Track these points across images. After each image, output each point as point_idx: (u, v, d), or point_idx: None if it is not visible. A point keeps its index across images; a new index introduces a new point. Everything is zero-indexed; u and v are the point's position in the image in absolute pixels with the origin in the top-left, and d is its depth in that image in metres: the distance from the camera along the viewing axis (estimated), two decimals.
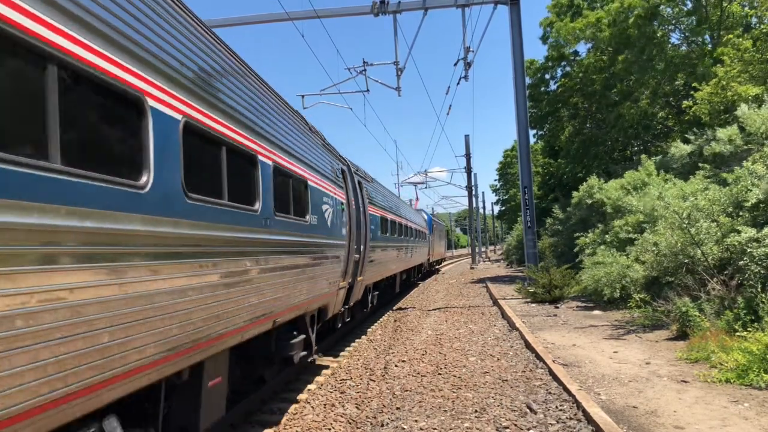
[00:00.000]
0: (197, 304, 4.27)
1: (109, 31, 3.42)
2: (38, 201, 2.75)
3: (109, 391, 3.32)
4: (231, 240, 4.92)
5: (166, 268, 3.84)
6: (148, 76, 3.80)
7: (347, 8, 20.67)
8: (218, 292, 4.63)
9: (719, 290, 9.70)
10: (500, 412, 6.49)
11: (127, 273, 3.41)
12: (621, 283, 13.22)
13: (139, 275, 3.54)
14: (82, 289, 3.03)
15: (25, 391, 2.68)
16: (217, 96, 4.90)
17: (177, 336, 3.98)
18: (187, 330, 4.12)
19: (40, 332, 2.76)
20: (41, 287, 2.76)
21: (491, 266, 47.13)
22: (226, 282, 4.78)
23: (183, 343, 4.08)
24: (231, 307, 4.89)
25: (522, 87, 19.36)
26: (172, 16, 4.33)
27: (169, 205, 3.93)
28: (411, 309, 17.16)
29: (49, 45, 2.91)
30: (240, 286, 5.09)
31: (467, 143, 47.21)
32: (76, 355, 3.00)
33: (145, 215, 3.62)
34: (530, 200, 19.14)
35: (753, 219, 10.21)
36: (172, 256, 3.94)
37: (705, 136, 15.51)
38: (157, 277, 3.74)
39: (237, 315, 5.04)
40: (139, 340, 3.53)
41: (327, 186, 8.92)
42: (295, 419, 6.71)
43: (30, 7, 2.80)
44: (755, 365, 6.95)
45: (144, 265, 3.60)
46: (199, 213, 4.35)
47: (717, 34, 22.42)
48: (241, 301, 5.13)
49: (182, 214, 4.09)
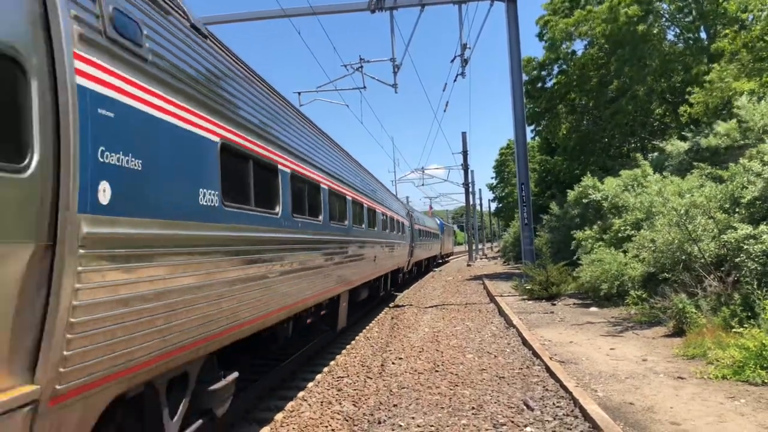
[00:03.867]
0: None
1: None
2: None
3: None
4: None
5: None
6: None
7: (343, 5, 20.61)
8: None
9: (716, 287, 9.71)
10: (497, 409, 6.48)
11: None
12: (618, 280, 13.24)
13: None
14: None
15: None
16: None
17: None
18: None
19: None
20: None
21: (488, 263, 47.18)
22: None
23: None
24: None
25: (519, 84, 19.33)
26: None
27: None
28: (408, 306, 17.16)
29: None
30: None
31: (464, 140, 47.17)
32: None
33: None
34: (527, 197, 19.14)
35: (750, 216, 10.22)
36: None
37: (703, 133, 15.53)
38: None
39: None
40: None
41: (402, 218, 20.08)
42: (292, 416, 6.70)
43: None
44: (751, 361, 6.97)
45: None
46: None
47: (714, 31, 22.43)
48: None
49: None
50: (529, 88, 28.09)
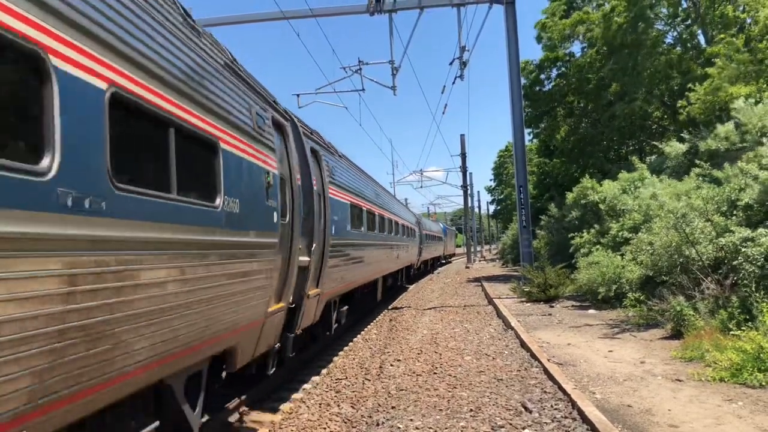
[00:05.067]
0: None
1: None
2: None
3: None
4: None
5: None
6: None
7: (343, 7, 20.66)
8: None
9: (714, 289, 9.73)
10: (495, 411, 6.49)
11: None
12: (616, 283, 13.25)
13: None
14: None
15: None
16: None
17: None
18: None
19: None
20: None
21: (486, 265, 47.19)
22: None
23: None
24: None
25: (518, 86, 19.38)
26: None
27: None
28: (406, 308, 17.16)
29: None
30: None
31: (463, 142, 47.24)
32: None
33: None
34: (526, 200, 19.17)
35: (747, 218, 10.25)
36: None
37: (701, 135, 15.56)
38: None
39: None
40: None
41: (413, 225, 24.62)
42: (291, 418, 6.69)
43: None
44: (749, 364, 6.98)
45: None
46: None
47: (711, 35, 22.48)
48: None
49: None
50: (528, 91, 28.16)
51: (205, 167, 4.85)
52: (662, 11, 24.32)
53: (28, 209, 2.72)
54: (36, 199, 2.78)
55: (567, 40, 26.54)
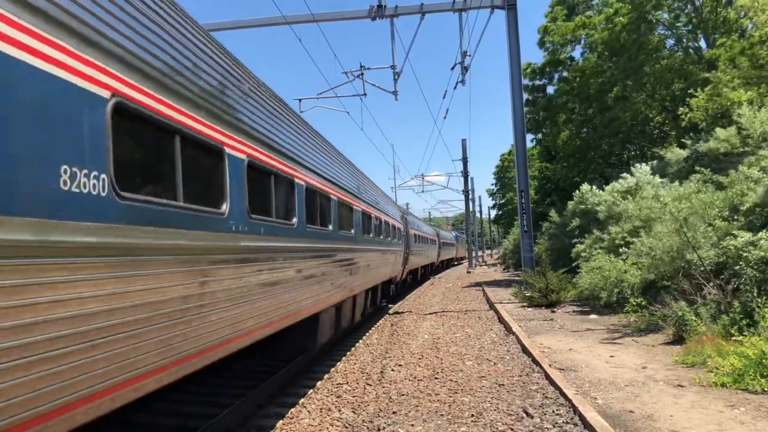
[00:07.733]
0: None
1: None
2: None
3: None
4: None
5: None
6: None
7: (344, 12, 20.72)
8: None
9: (715, 294, 9.71)
10: (497, 417, 6.47)
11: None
12: (618, 287, 13.23)
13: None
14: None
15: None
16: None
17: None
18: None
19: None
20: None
21: (488, 270, 47.14)
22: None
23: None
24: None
25: (519, 92, 19.40)
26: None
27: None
28: (407, 313, 17.14)
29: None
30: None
31: (464, 147, 47.29)
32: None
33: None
34: (527, 204, 19.17)
35: (748, 223, 10.23)
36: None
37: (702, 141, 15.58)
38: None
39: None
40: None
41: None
42: (292, 423, 6.68)
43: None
44: (751, 369, 6.96)
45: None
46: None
47: (713, 39, 22.53)
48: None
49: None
50: (530, 97, 28.22)
51: (395, 236, 18.02)
52: (663, 16, 24.38)
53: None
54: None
55: (569, 43, 26.61)
